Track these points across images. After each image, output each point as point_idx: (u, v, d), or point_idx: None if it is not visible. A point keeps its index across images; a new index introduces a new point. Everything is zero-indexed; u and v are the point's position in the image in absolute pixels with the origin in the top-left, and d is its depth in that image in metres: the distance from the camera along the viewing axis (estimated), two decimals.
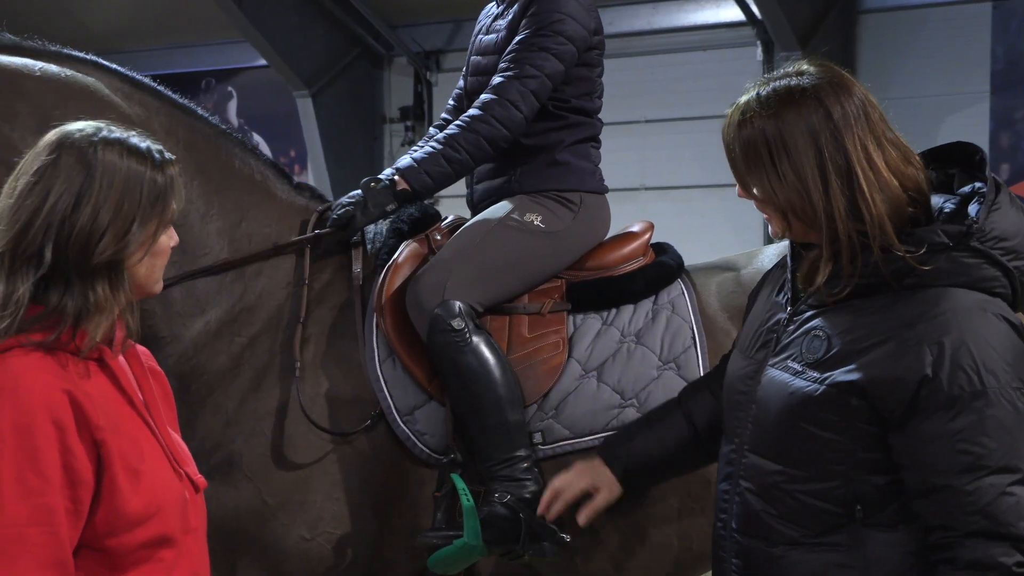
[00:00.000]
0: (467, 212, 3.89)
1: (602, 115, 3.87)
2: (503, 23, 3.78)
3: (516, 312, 3.62)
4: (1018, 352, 2.29)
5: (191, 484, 2.39)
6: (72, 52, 3.56)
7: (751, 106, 2.41)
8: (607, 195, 3.86)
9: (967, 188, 2.43)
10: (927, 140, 2.73)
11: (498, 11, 3.87)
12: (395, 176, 3.60)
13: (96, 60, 3.56)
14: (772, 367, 2.47)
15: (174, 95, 3.62)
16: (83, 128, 2.28)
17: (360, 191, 3.60)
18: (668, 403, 3.05)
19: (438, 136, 3.67)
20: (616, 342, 3.60)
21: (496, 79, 3.65)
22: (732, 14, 11.01)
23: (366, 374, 3.49)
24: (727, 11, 11.10)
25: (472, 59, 3.91)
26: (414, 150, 3.97)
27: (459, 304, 3.46)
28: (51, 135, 2.29)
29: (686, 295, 3.68)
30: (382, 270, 3.62)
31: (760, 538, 2.45)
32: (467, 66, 3.94)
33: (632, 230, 3.83)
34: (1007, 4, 9.93)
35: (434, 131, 4.02)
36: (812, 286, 2.42)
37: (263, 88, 13.44)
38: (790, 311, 2.51)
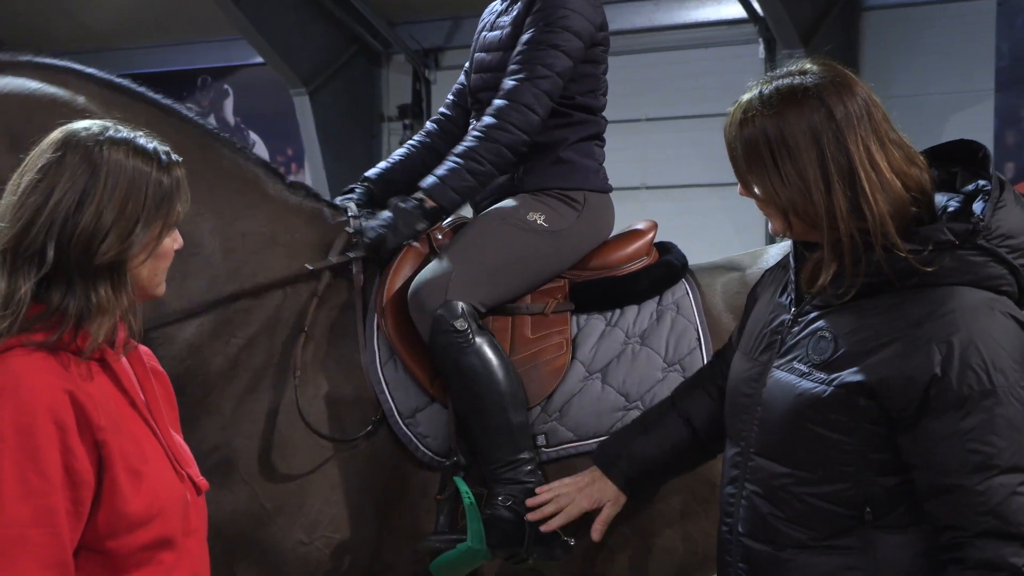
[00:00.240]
0: (469, 211, 3.86)
1: (603, 113, 3.84)
2: (507, 19, 3.75)
3: (519, 312, 3.60)
4: None
5: (193, 486, 2.38)
6: (44, 60, 3.45)
7: (753, 105, 2.40)
8: (609, 195, 3.84)
9: (971, 186, 2.43)
10: (931, 138, 2.72)
11: (502, 7, 3.84)
12: (422, 195, 3.60)
13: (70, 66, 3.47)
14: (777, 369, 2.46)
15: (157, 96, 3.54)
16: (89, 127, 2.27)
17: (390, 212, 3.59)
18: (662, 405, 3.05)
19: (457, 149, 3.64)
20: (620, 343, 3.57)
21: (508, 82, 3.62)
22: (734, 11, 11.01)
23: (367, 376, 3.47)
24: (729, 8, 11.10)
25: (476, 56, 3.88)
26: (409, 144, 3.96)
27: (462, 304, 3.43)
28: (57, 133, 2.27)
29: (691, 296, 3.66)
30: (382, 271, 3.60)
31: (767, 542, 2.44)
32: (470, 63, 3.91)
33: (636, 229, 3.80)
34: (1012, 0, 9.91)
35: (431, 126, 4.01)
36: (816, 287, 2.41)
37: (260, 86, 13.44)
38: (794, 312, 2.49)
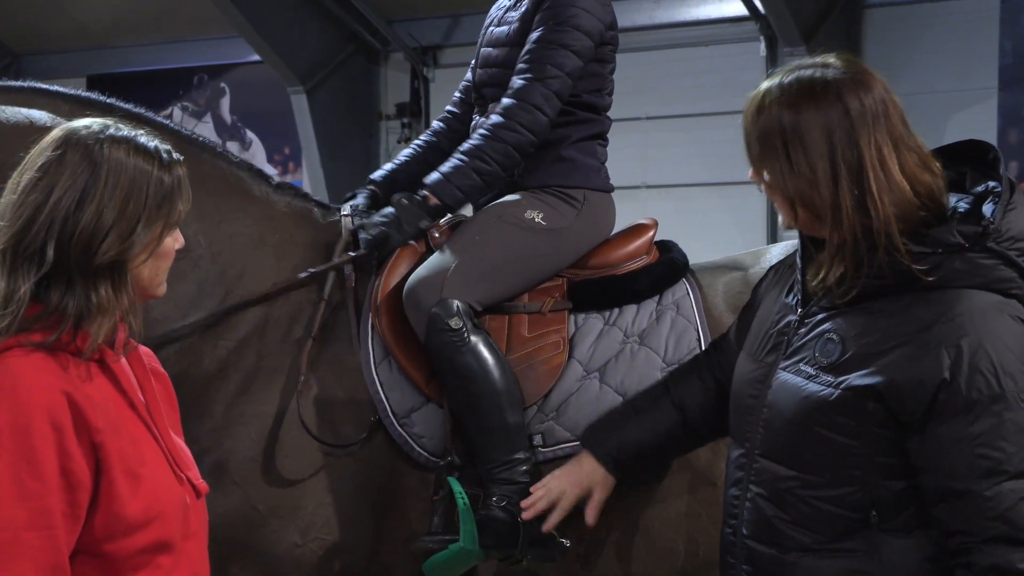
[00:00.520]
0: (469, 209, 3.83)
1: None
2: (515, 15, 3.75)
3: (516, 311, 3.59)
4: None
5: (192, 489, 2.37)
6: (6, 83, 3.47)
7: (772, 93, 2.42)
8: (610, 194, 3.83)
9: (980, 187, 2.43)
10: (934, 137, 2.79)
11: (510, 3, 3.84)
12: (426, 192, 3.58)
13: (35, 86, 3.48)
14: (784, 370, 2.46)
15: (128, 106, 3.53)
16: (90, 125, 2.26)
17: (392, 208, 3.58)
18: (654, 389, 3.07)
19: (463, 147, 3.63)
20: (619, 343, 3.56)
21: (517, 81, 3.61)
22: (735, 9, 11.02)
23: (362, 377, 3.46)
24: (730, 6, 11.11)
25: (482, 51, 3.87)
26: (415, 144, 3.93)
27: (457, 303, 3.42)
28: (57, 131, 2.27)
29: (691, 295, 3.65)
30: (378, 269, 3.58)
31: (772, 544, 2.44)
32: (477, 58, 3.90)
33: (636, 228, 3.78)
34: None
35: (438, 125, 4.00)
36: (818, 282, 2.42)
37: (257, 84, 13.44)
38: (801, 313, 2.49)
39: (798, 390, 2.40)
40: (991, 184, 2.41)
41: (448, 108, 4.02)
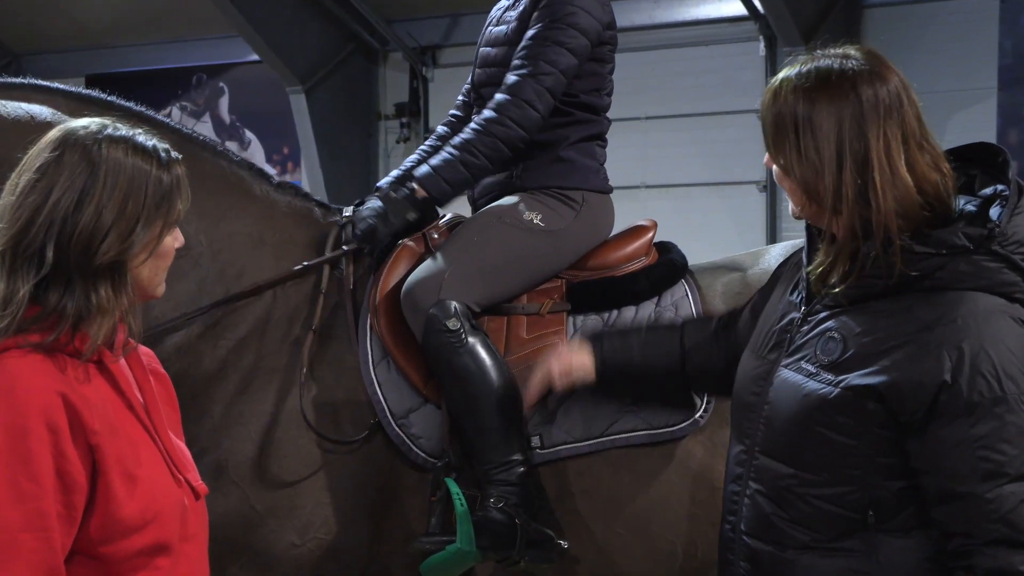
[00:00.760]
0: (467, 209, 3.83)
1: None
2: (514, 14, 3.75)
3: (514, 313, 3.58)
4: None
5: (191, 490, 2.35)
6: (6, 80, 3.46)
7: (790, 81, 2.42)
8: (609, 195, 3.82)
9: (989, 190, 2.42)
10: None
11: (509, 3, 3.84)
12: (414, 184, 3.58)
13: (34, 83, 3.47)
14: (785, 368, 2.45)
15: (129, 104, 3.52)
16: (88, 125, 2.25)
17: (380, 201, 3.57)
18: (670, 325, 3.09)
19: (453, 140, 3.63)
20: None
21: (510, 77, 3.60)
22: (734, 8, 11.02)
23: (360, 377, 3.45)
24: (729, 5, 11.11)
25: (481, 50, 3.87)
26: (423, 151, 3.92)
27: (455, 304, 3.40)
28: (55, 131, 2.25)
29: (690, 297, 3.63)
30: (376, 269, 3.57)
31: (771, 542, 2.44)
32: (476, 58, 3.90)
33: (635, 229, 3.77)
34: None
35: (443, 130, 4.00)
36: (822, 284, 2.42)
37: (256, 84, 13.44)
38: (804, 311, 2.48)
39: (799, 388, 2.39)
40: (999, 187, 2.39)
41: (452, 111, 4.02)
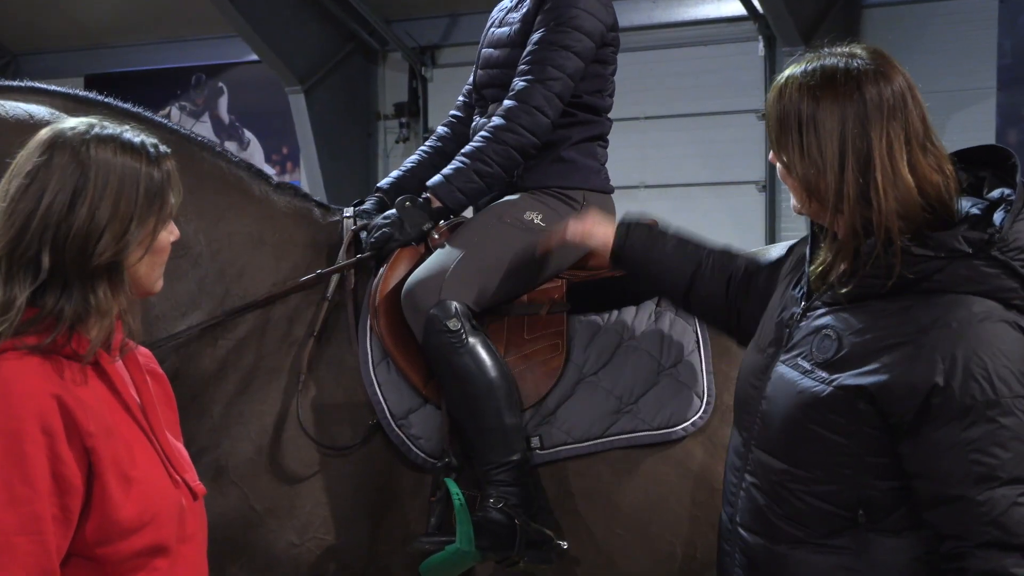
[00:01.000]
0: (469, 210, 3.81)
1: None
2: (516, 16, 3.75)
3: (515, 313, 3.57)
4: None
5: (189, 491, 2.34)
6: (5, 83, 3.46)
7: (795, 79, 2.43)
8: (610, 195, 3.81)
9: (996, 193, 2.41)
10: None
11: (511, 4, 3.84)
12: (428, 195, 3.58)
13: (33, 85, 3.46)
14: (782, 363, 2.46)
15: (126, 105, 3.52)
16: (75, 126, 2.24)
17: (395, 211, 3.58)
18: (705, 243, 3.06)
19: (465, 149, 3.62)
20: (617, 345, 3.54)
21: (518, 83, 3.60)
22: (734, 8, 11.01)
23: (360, 377, 3.44)
24: (728, 5, 11.10)
25: (483, 52, 3.87)
26: (423, 152, 3.92)
27: (455, 304, 3.40)
28: (43, 134, 2.24)
29: None
30: (377, 269, 3.56)
31: (763, 535, 2.45)
32: (478, 59, 3.89)
33: None
34: None
35: (443, 130, 4.00)
36: (822, 282, 2.43)
37: (255, 84, 13.43)
38: (804, 307, 2.49)
39: (793, 384, 2.40)
40: (1006, 191, 2.39)
41: (452, 112, 4.01)
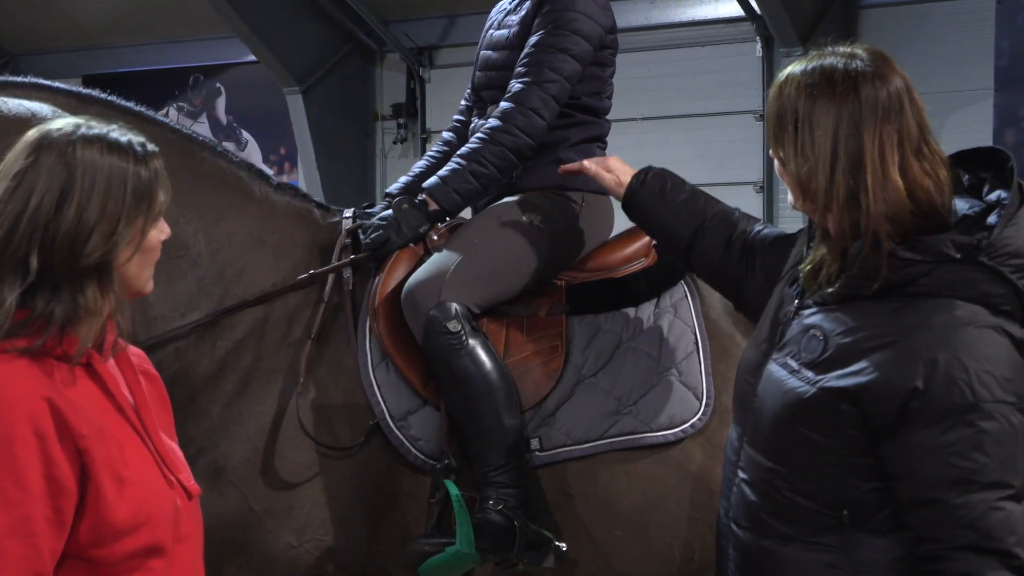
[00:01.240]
0: (467, 210, 3.82)
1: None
2: (515, 18, 3.75)
3: (514, 314, 3.58)
4: (1017, 367, 2.27)
5: (184, 491, 2.34)
6: (9, 79, 3.46)
7: (795, 76, 2.45)
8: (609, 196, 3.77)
9: (993, 196, 2.41)
10: None
11: (510, 7, 3.84)
12: (424, 196, 3.59)
13: (37, 82, 3.46)
14: (773, 362, 2.48)
15: (128, 103, 3.52)
16: (62, 127, 2.23)
17: (391, 212, 3.58)
18: (716, 202, 3.09)
19: (461, 151, 3.63)
20: (616, 346, 3.55)
21: (515, 85, 3.60)
22: (731, 9, 10.97)
23: (359, 379, 3.45)
24: (726, 6, 11.06)
25: (482, 54, 3.87)
26: (430, 157, 3.93)
27: (455, 306, 3.41)
28: (29, 135, 2.24)
29: (689, 298, 3.64)
30: (376, 271, 3.57)
31: (752, 531, 2.48)
32: (477, 61, 3.90)
33: (635, 230, 3.74)
34: None
35: (449, 136, 4.01)
36: (813, 282, 2.44)
37: (253, 84, 13.40)
38: (796, 305, 2.50)
39: (781, 384, 2.41)
40: (1002, 194, 2.39)
41: (456, 117, 4.02)
